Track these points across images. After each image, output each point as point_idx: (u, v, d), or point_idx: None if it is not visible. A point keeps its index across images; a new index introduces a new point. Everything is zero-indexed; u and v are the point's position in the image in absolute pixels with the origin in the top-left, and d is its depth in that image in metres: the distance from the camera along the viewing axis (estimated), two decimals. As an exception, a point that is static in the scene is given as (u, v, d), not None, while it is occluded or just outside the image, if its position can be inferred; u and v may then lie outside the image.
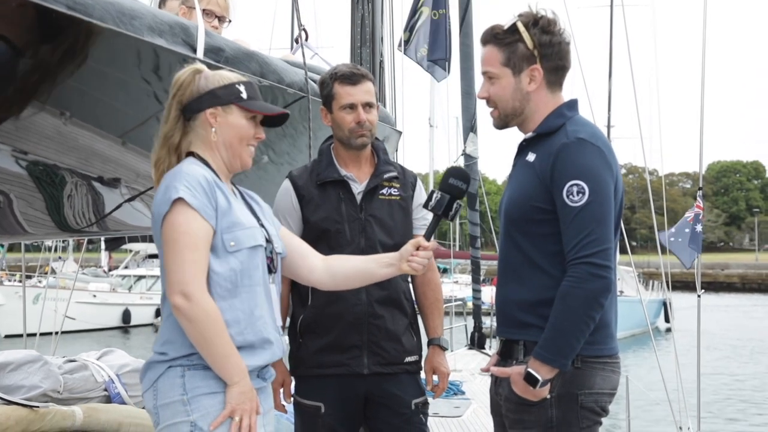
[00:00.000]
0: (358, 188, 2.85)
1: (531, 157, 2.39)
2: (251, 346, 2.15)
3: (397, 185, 2.89)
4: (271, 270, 2.25)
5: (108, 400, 3.67)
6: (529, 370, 2.27)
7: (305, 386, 2.83)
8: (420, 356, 2.92)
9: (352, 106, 2.80)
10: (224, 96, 2.19)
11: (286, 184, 2.88)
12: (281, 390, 2.86)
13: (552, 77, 2.41)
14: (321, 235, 2.76)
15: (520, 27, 2.37)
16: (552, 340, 2.25)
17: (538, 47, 2.36)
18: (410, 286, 2.96)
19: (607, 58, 25.79)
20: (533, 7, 2.41)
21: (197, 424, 2.06)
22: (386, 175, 2.87)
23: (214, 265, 2.10)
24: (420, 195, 2.91)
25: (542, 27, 2.36)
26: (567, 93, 2.51)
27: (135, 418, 3.46)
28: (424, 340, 2.97)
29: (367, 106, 2.81)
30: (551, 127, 2.38)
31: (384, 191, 2.86)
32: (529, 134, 2.43)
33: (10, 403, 3.22)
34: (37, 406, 3.26)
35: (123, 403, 3.66)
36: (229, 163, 2.25)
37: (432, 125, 21.89)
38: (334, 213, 2.80)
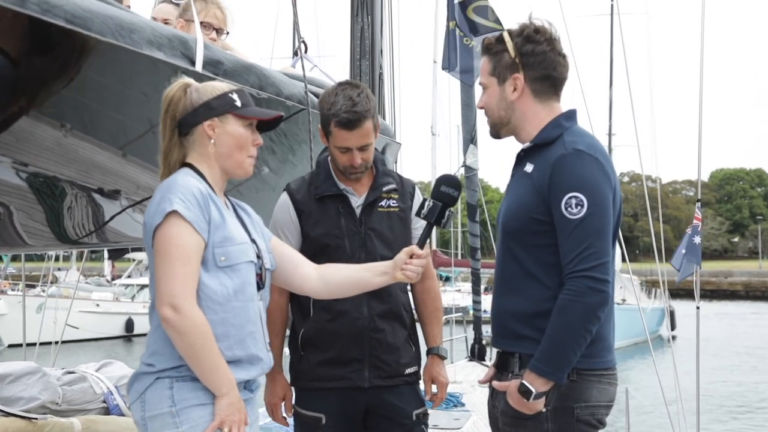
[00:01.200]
0: (357, 201, 2.84)
1: (529, 167, 2.38)
2: (239, 362, 2.15)
3: (396, 196, 2.88)
4: (259, 286, 2.24)
5: (107, 411, 3.67)
6: (524, 382, 2.27)
7: (306, 397, 2.82)
8: (419, 366, 2.91)
9: (347, 149, 2.76)
10: (219, 106, 2.20)
11: (284, 197, 2.86)
12: (282, 403, 2.85)
13: (537, 86, 2.40)
14: (321, 250, 2.75)
15: (505, 36, 2.39)
16: (548, 352, 2.24)
17: (520, 56, 2.37)
18: (410, 296, 2.96)
19: (608, 67, 25.88)
20: (529, 17, 2.41)
21: None
22: (385, 188, 2.86)
23: (204, 278, 2.10)
24: (418, 203, 2.90)
25: (526, 36, 2.37)
26: (567, 102, 2.51)
27: (133, 430, 3.45)
28: (423, 349, 2.97)
29: (363, 148, 2.77)
30: (548, 137, 2.37)
31: (383, 203, 2.85)
32: (527, 144, 2.43)
33: (8, 414, 3.22)
34: (36, 418, 3.26)
35: (121, 414, 3.66)
36: (231, 172, 2.25)
37: (434, 134, 21.89)
38: (334, 228, 2.79)
